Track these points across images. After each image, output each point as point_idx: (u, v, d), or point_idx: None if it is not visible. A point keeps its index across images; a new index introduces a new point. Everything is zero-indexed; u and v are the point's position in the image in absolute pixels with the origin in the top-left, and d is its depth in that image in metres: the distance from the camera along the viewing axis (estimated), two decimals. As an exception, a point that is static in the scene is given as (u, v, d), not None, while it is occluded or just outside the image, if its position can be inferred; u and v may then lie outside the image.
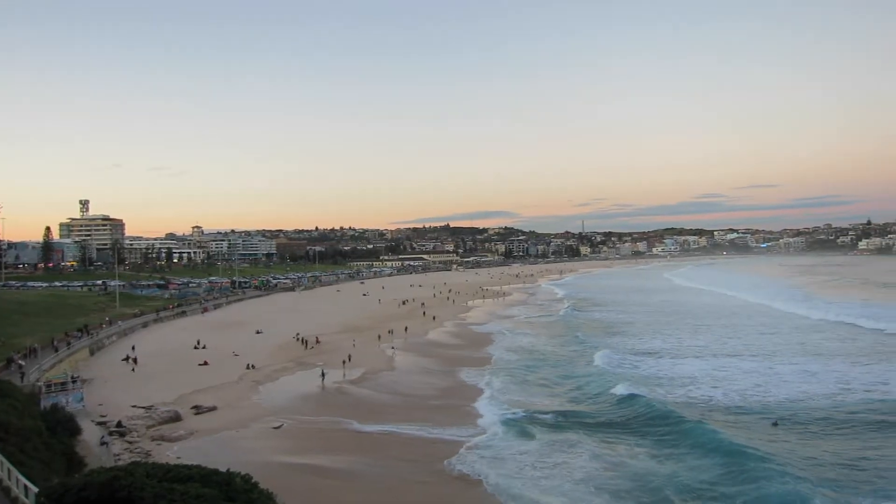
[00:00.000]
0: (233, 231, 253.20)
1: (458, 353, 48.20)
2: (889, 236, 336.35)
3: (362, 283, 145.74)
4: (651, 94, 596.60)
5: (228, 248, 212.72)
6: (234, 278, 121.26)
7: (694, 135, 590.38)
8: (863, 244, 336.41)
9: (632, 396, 31.35)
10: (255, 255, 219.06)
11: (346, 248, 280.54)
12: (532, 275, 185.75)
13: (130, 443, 24.48)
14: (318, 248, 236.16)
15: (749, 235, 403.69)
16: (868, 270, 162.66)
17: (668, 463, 22.74)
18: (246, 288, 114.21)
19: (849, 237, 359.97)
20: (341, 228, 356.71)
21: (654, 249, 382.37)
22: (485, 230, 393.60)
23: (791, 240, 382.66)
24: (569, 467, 22.30)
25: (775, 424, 27.19)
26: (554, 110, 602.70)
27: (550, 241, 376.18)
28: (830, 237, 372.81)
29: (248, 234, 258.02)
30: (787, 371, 37.94)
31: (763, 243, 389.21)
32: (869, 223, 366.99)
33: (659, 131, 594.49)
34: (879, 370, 37.47)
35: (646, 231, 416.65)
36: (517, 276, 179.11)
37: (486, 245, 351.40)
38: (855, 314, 62.52)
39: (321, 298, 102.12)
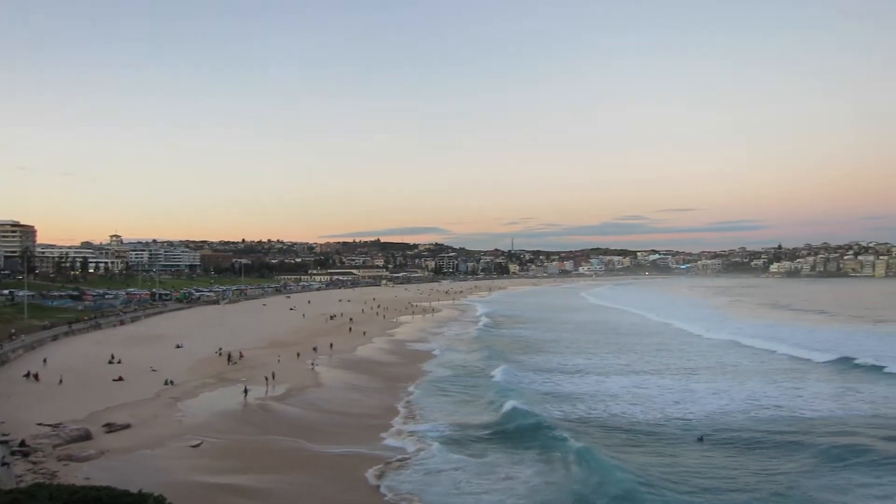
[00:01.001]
0: (154, 241, 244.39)
1: (387, 369, 47.86)
2: (797, 260, 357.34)
3: (289, 297, 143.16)
4: (579, 116, 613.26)
5: (149, 258, 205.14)
6: (155, 290, 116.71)
7: (618, 157, 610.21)
8: (774, 267, 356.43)
9: (516, 410, 31.76)
10: (178, 266, 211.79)
11: (273, 261, 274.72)
12: (461, 291, 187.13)
13: (35, 463, 23.02)
14: (244, 261, 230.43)
15: (670, 257, 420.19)
16: (777, 292, 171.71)
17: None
18: (167, 300, 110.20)
19: (762, 260, 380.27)
20: (269, 241, 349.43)
21: (580, 268, 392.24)
22: (415, 246, 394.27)
23: (709, 262, 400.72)
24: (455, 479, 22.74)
25: (700, 440, 27.91)
26: (487, 128, 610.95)
27: (480, 259, 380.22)
28: (745, 260, 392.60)
29: (170, 244, 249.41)
30: (668, 386, 39.62)
31: (683, 265, 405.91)
32: (780, 248, 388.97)
33: (585, 153, 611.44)
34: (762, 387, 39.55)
35: (573, 250, 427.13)
36: (447, 292, 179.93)
37: (417, 261, 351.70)
38: (750, 334, 66.44)
39: (246, 312, 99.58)
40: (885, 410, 33.14)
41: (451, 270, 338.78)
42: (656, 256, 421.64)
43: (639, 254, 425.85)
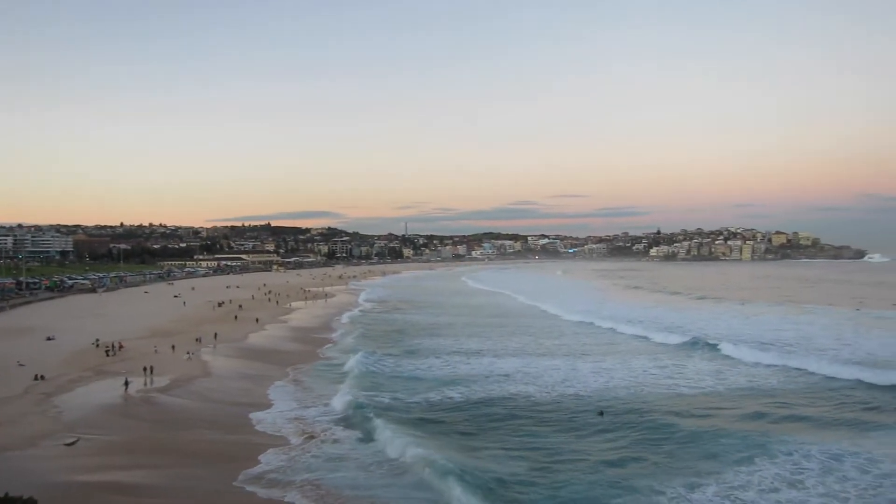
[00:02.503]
0: (20, 225, 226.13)
1: (281, 356, 46.92)
2: (675, 245, 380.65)
3: (172, 283, 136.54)
4: (471, 101, 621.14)
5: (14, 244, 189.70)
6: (21, 278, 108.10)
7: (511, 144, 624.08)
8: (653, 251, 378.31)
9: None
10: (48, 252, 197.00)
11: (155, 246, 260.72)
12: (355, 276, 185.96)
13: None
14: (123, 246, 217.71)
15: (559, 241, 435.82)
16: (650, 275, 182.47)
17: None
18: (36, 289, 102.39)
19: (642, 245, 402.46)
20: (150, 225, 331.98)
21: (473, 253, 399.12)
22: (308, 230, 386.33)
23: (594, 246, 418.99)
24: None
25: (601, 414, 29.45)
26: (381, 112, 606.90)
27: (374, 243, 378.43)
28: (627, 244, 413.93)
29: (38, 228, 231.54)
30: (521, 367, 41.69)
31: (570, 249, 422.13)
32: (659, 233, 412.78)
33: (479, 139, 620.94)
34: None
35: (466, 235, 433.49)
36: (340, 277, 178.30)
37: (309, 246, 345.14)
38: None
39: (126, 301, 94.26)
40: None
41: (344, 255, 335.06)
42: (546, 241, 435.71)
43: (529, 238, 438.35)
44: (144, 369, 37.95)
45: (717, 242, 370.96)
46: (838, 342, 47.77)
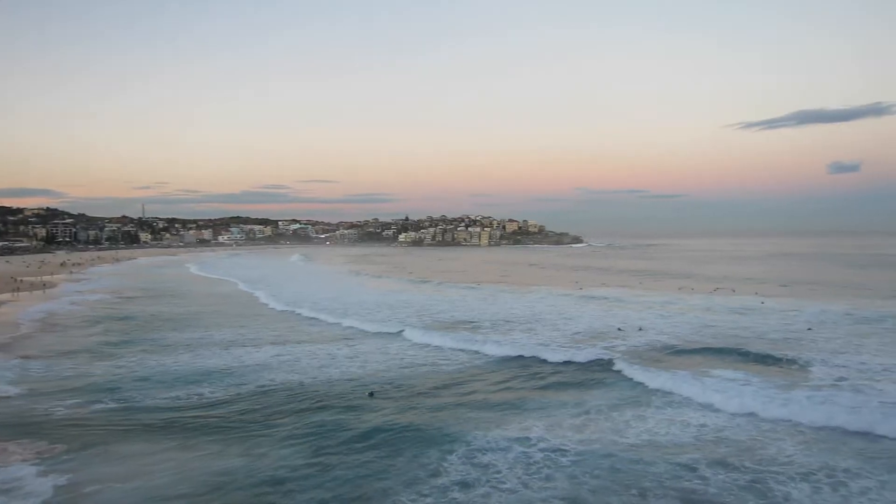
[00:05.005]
0: None
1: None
2: (421, 231, 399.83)
3: None
4: (222, 77, 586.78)
5: None
6: None
7: (261, 125, 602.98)
8: (402, 237, 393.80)
9: None
10: None
11: None
12: (81, 263, 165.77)
13: None
14: None
15: (310, 227, 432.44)
16: (404, 260, 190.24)
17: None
18: None
19: (392, 230, 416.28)
20: None
21: (220, 238, 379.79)
22: (20, 210, 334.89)
23: (346, 231, 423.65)
24: None
25: (371, 395, 29.62)
26: (115, 85, 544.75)
27: (105, 227, 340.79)
28: (378, 230, 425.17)
29: None
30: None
31: (322, 234, 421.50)
32: (407, 219, 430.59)
33: (227, 116, 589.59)
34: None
35: (211, 218, 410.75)
36: (62, 264, 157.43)
37: (22, 229, 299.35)
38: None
39: None
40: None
41: (67, 240, 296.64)
42: (297, 226, 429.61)
43: (280, 223, 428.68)
44: None
45: (458, 229, 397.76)
46: (558, 319, 53.71)
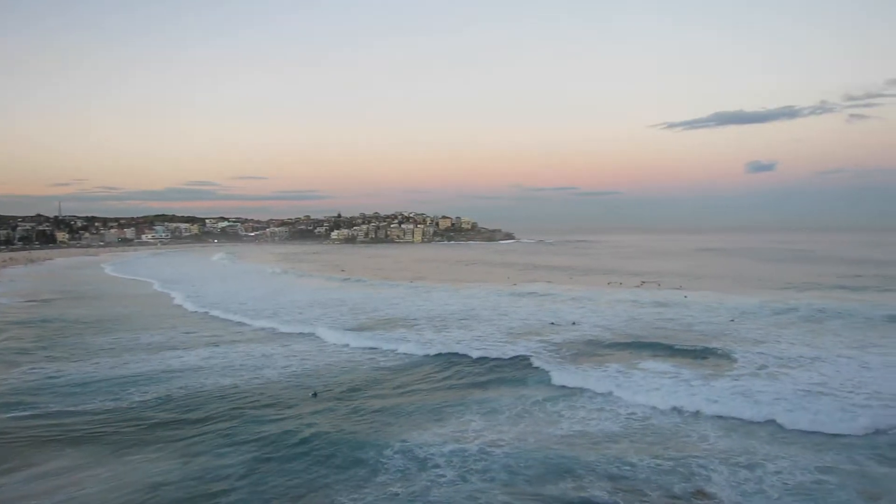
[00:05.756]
0: None
1: None
2: (354, 228, 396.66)
3: None
4: (142, 67, 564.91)
5: None
6: None
7: (186, 120, 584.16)
8: (334, 234, 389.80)
9: None
10: None
11: None
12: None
13: None
14: None
15: (239, 224, 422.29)
16: (336, 258, 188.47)
17: None
18: None
19: (324, 228, 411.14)
20: None
21: (143, 237, 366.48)
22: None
23: (277, 229, 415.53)
24: None
25: (315, 395, 29.40)
26: (29, 78, 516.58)
27: (17, 226, 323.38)
28: (309, 227, 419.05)
29: None
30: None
31: (252, 232, 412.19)
32: (339, 216, 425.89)
33: (148, 113, 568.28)
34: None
35: (134, 217, 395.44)
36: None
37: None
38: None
39: None
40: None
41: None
42: (226, 224, 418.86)
43: (207, 221, 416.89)
44: None
45: (392, 226, 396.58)
46: (493, 314, 54.53)
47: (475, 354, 37.98)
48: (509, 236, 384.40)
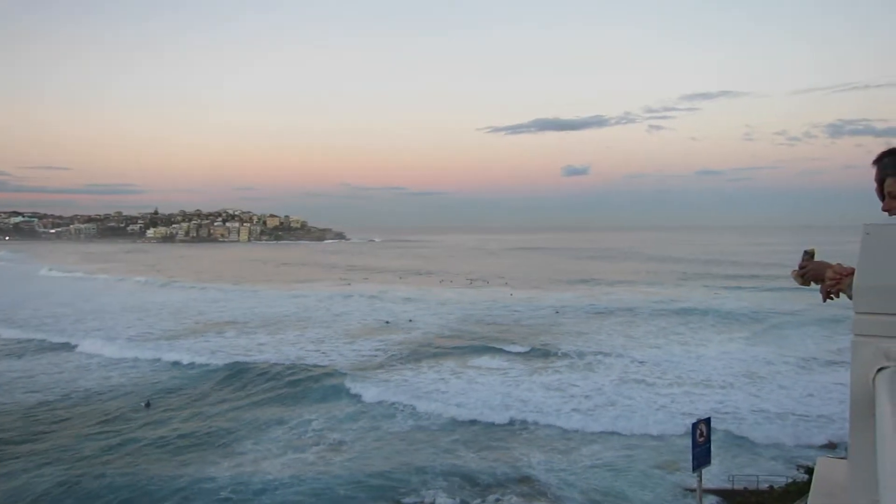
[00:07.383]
0: None
1: None
2: (173, 226, 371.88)
3: None
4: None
5: None
6: None
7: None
8: (150, 232, 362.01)
9: None
10: None
11: None
12: None
13: None
14: None
15: (37, 220, 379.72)
16: (152, 258, 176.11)
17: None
18: None
19: (138, 225, 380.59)
20: None
21: None
22: None
23: (82, 226, 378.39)
24: None
25: (148, 405, 28.36)
26: None
27: None
28: (121, 224, 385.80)
29: None
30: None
31: (52, 229, 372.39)
32: (156, 213, 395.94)
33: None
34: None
35: None
36: None
37: None
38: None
39: None
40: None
41: None
42: (20, 219, 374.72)
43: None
44: None
45: (215, 224, 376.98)
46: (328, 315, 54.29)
47: (307, 358, 37.91)
48: (340, 235, 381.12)
